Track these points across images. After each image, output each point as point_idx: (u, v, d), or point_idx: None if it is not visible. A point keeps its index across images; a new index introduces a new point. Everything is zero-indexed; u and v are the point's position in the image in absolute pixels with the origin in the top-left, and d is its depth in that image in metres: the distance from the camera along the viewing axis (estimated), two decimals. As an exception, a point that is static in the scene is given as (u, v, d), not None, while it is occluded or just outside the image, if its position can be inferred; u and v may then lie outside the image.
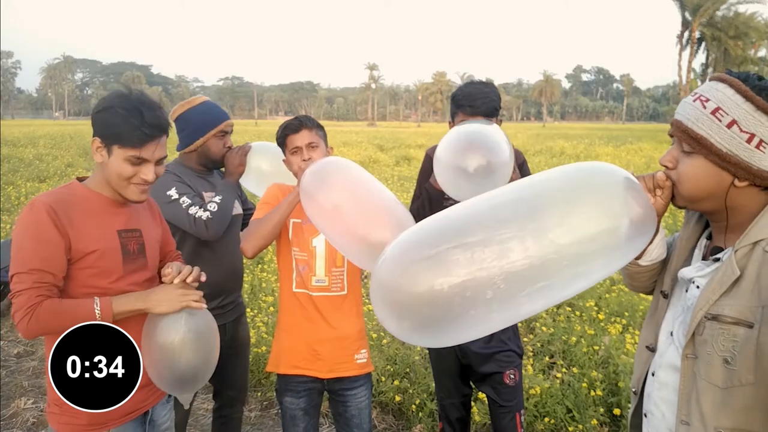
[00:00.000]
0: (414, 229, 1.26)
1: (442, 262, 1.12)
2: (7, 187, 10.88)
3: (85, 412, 1.50)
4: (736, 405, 1.09)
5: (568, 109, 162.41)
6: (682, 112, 1.16)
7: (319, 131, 2.05)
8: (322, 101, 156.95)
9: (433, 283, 1.11)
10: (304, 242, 2.02)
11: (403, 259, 1.19)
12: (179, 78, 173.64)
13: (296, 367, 2.03)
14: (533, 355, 3.94)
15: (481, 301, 1.11)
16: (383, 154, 20.22)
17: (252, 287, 5.23)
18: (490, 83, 2.25)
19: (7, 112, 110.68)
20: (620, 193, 1.16)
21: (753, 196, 1.14)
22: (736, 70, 1.20)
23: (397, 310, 1.19)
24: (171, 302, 1.54)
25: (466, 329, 1.17)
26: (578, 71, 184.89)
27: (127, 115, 1.50)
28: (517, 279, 1.10)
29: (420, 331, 1.19)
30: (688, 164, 1.15)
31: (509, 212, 1.17)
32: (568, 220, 1.14)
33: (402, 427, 3.26)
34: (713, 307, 1.13)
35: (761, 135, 1.09)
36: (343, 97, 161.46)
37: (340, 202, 1.75)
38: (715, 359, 1.11)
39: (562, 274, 1.13)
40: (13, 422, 3.30)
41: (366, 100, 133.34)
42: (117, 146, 1.52)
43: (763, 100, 1.08)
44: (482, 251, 1.10)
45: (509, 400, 2.26)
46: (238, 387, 2.52)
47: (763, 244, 1.10)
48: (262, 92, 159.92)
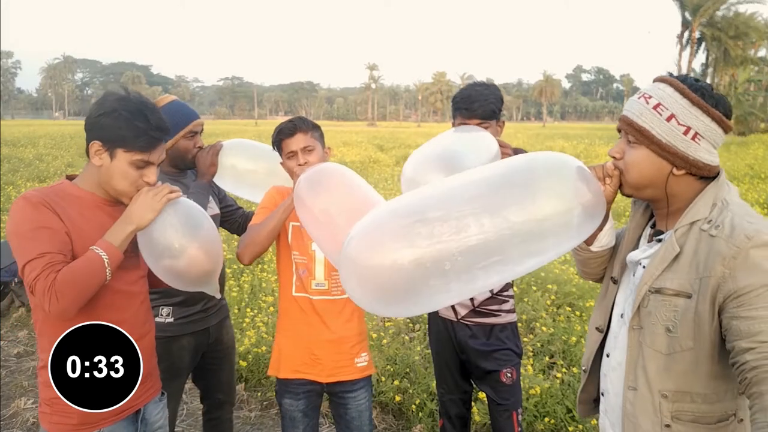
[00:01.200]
0: (381, 208, 1.34)
1: (407, 235, 1.22)
2: (7, 187, 10.88)
3: (77, 410, 1.49)
4: (678, 369, 1.23)
5: (568, 109, 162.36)
6: (629, 108, 1.29)
7: (315, 133, 2.02)
8: (322, 101, 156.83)
9: (398, 254, 1.21)
10: (304, 246, 2.01)
11: (372, 233, 1.28)
12: (179, 78, 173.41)
13: (296, 372, 2.03)
14: (533, 355, 3.94)
15: (440, 272, 1.20)
16: (383, 154, 20.22)
17: (252, 287, 5.23)
18: (492, 85, 2.23)
19: (7, 112, 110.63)
20: (573, 178, 1.28)
21: (689, 184, 1.27)
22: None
23: (364, 280, 1.26)
24: (151, 206, 1.52)
25: (426, 297, 1.25)
26: (578, 71, 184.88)
27: (132, 118, 1.50)
28: (472, 252, 1.20)
29: (385, 300, 1.28)
30: (632, 154, 1.28)
31: (469, 192, 1.28)
32: (522, 200, 1.25)
33: (402, 427, 3.26)
34: (656, 281, 1.26)
35: (696, 128, 1.22)
36: (343, 97, 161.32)
37: (331, 210, 1.72)
38: (659, 328, 1.24)
39: (515, 250, 1.24)
40: (13, 422, 3.30)
41: (366, 100, 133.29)
42: (122, 150, 1.51)
43: (699, 97, 1.22)
44: (441, 226, 1.20)
45: (506, 398, 2.26)
46: (225, 389, 2.51)
47: (699, 224, 1.23)
48: (262, 92, 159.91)
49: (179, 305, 2.20)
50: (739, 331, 1.12)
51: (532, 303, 4.80)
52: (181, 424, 3.33)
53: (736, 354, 1.12)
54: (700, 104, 1.22)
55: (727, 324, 1.15)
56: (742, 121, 35.59)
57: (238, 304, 4.83)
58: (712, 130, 1.23)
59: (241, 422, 3.37)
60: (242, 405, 3.55)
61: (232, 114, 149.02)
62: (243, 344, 3.90)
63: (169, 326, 2.17)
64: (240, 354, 3.81)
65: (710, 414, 1.23)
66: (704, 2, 39.10)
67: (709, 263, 1.18)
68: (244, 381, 3.74)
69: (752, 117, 35.11)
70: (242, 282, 5.31)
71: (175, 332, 2.18)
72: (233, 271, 5.62)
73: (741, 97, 34.52)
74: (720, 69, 38.38)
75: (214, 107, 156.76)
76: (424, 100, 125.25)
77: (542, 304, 4.77)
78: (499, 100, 2.16)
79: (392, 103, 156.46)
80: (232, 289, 5.02)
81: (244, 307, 4.72)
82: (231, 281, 5.23)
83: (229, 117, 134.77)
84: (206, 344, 2.32)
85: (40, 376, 1.57)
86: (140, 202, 1.53)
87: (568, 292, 5.04)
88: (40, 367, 1.55)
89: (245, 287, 5.19)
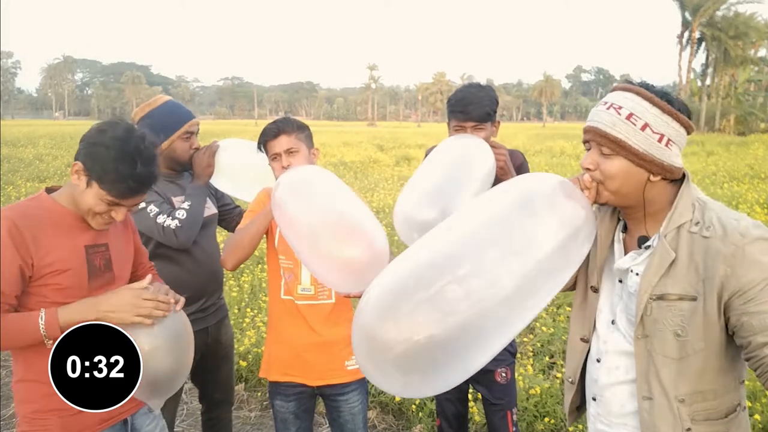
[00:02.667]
0: (393, 271, 1.20)
1: (441, 300, 1.11)
2: (7, 187, 10.88)
3: (57, 422, 1.50)
4: (691, 371, 1.25)
5: (568, 109, 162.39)
6: (599, 119, 1.28)
7: (300, 134, 1.97)
8: (322, 101, 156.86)
9: (439, 325, 1.09)
10: (290, 250, 1.96)
11: (397, 305, 1.12)
12: (179, 78, 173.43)
13: (285, 374, 2.02)
14: (533, 355, 3.94)
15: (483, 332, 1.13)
16: (383, 154, 20.21)
17: (252, 287, 5.23)
18: (487, 86, 2.21)
19: (7, 112, 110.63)
20: (564, 196, 1.29)
21: (663, 188, 1.30)
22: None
23: (402, 365, 1.11)
24: (124, 313, 1.47)
25: (470, 363, 1.17)
26: (578, 71, 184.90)
27: (119, 161, 1.45)
28: (510, 303, 1.15)
29: (431, 380, 1.14)
30: (609, 165, 1.28)
31: (482, 239, 1.22)
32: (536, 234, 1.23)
33: (402, 427, 3.26)
34: (656, 288, 1.26)
35: (668, 134, 1.25)
36: (343, 97, 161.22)
37: (308, 218, 1.62)
38: (667, 334, 1.25)
39: (544, 287, 1.24)
40: (13, 422, 3.30)
41: (366, 100, 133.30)
42: (98, 184, 1.48)
43: (667, 105, 1.25)
44: (475, 282, 1.12)
45: (500, 398, 2.27)
46: (223, 389, 2.51)
47: (687, 227, 1.25)
48: (262, 92, 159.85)
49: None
50: (752, 327, 1.15)
51: (532, 303, 4.79)
52: (181, 424, 3.33)
53: (754, 349, 1.15)
54: (670, 111, 1.25)
55: (736, 321, 1.18)
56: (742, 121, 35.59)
57: (238, 304, 4.83)
58: (680, 135, 1.27)
59: (241, 422, 3.37)
60: (242, 405, 3.55)
61: (232, 114, 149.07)
62: (243, 344, 3.90)
63: None
64: (240, 354, 3.81)
65: (719, 408, 1.26)
66: (704, 2, 39.11)
67: (710, 264, 1.20)
68: (244, 381, 3.74)
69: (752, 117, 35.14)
70: (242, 282, 5.32)
71: None
72: (233, 271, 5.61)
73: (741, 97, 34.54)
74: (720, 69, 38.39)
75: (214, 107, 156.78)
76: (424, 100, 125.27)
77: (542, 304, 4.77)
78: (493, 101, 2.14)
79: (392, 103, 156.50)
80: (232, 289, 5.02)
81: (244, 307, 4.72)
82: (231, 281, 5.23)
83: (229, 117, 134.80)
84: (205, 344, 2.31)
85: (16, 392, 1.55)
86: (117, 298, 1.49)
87: (567, 293, 5.03)
88: (16, 381, 1.54)
89: (245, 287, 5.19)
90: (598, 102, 1.33)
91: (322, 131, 37.46)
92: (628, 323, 1.35)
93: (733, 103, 35.21)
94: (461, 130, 2.12)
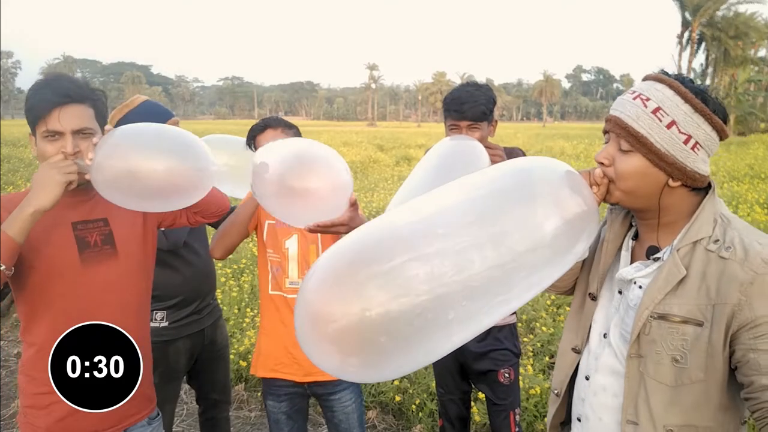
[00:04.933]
0: (347, 242, 1.03)
1: (398, 277, 0.94)
2: (7, 187, 10.88)
3: (43, 425, 1.50)
4: (686, 402, 1.11)
5: (568, 109, 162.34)
6: (622, 110, 1.16)
7: (287, 130, 2.00)
8: (322, 101, 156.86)
9: (391, 305, 0.92)
10: (278, 244, 2.01)
11: (345, 277, 0.96)
12: (179, 78, 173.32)
13: (274, 371, 2.02)
14: (533, 355, 3.94)
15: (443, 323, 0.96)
16: (383, 154, 20.22)
17: (252, 287, 5.23)
18: (483, 85, 2.18)
19: (7, 112, 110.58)
20: (567, 187, 1.13)
21: (683, 197, 1.17)
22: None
23: (340, 344, 0.94)
24: (51, 180, 1.35)
25: (421, 356, 0.99)
26: (578, 71, 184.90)
27: (36, 91, 1.44)
28: (478, 295, 0.99)
29: (369, 366, 0.97)
30: (626, 162, 1.15)
31: (460, 217, 1.05)
32: (524, 221, 1.06)
33: (402, 427, 3.26)
34: (659, 306, 1.13)
35: (697, 137, 1.12)
36: (343, 97, 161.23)
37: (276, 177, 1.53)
38: (664, 358, 1.12)
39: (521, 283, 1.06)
40: (13, 422, 3.30)
41: (366, 100, 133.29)
42: (36, 128, 1.43)
43: (701, 103, 1.11)
44: (441, 263, 0.95)
45: (503, 398, 2.27)
46: (220, 389, 2.51)
47: (704, 243, 1.12)
48: (262, 92, 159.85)
49: (173, 308, 2.19)
50: (758, 366, 1.03)
51: (532, 303, 4.80)
52: (181, 424, 3.33)
53: (755, 390, 1.04)
54: (703, 111, 1.11)
55: (742, 356, 1.06)
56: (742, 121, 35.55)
57: (238, 304, 4.83)
58: (711, 140, 1.14)
59: (241, 422, 3.37)
60: (242, 405, 3.54)
61: (232, 114, 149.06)
62: (243, 344, 3.90)
63: (165, 330, 2.16)
64: (240, 354, 3.81)
65: None
66: (704, 2, 39.09)
67: (723, 289, 1.08)
68: (244, 381, 3.74)
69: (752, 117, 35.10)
70: (242, 282, 5.31)
71: (171, 336, 2.18)
72: (233, 271, 5.62)
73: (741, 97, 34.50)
74: (720, 69, 38.35)
75: (214, 107, 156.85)
76: (424, 100, 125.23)
77: (542, 304, 4.78)
78: (490, 100, 2.11)
79: (392, 103, 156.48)
80: (232, 289, 5.02)
81: (244, 307, 4.71)
82: (231, 281, 5.23)
83: (229, 117, 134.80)
84: (202, 345, 2.32)
85: (19, 382, 1.57)
86: (38, 179, 1.36)
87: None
88: (19, 372, 1.56)
89: (245, 287, 5.19)
90: (627, 90, 1.20)
91: (322, 131, 37.46)
92: (622, 340, 1.22)
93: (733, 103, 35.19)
94: (456, 129, 2.10)
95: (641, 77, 1.24)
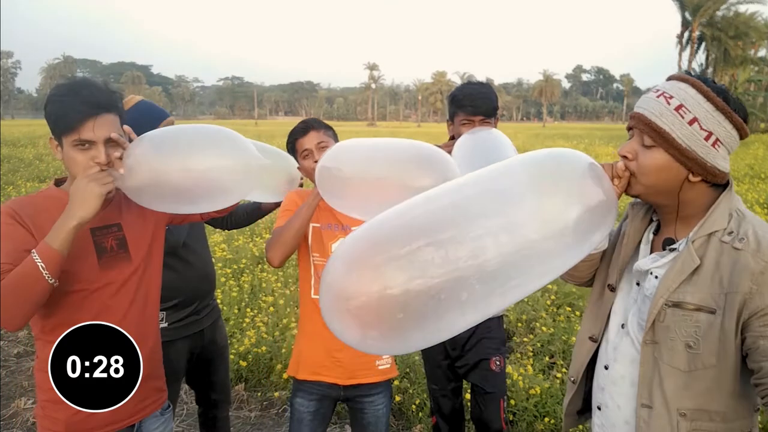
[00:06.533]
0: (369, 227, 1.11)
1: (414, 261, 1.02)
2: (7, 187, 10.88)
3: (64, 419, 1.50)
4: (699, 387, 1.17)
5: (568, 109, 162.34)
6: (646, 107, 1.21)
7: (327, 132, 2.04)
8: (322, 101, 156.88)
9: (407, 285, 1.00)
10: (323, 248, 2.00)
11: (367, 259, 1.05)
12: (179, 78, 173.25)
13: (315, 373, 2.01)
14: (533, 355, 3.94)
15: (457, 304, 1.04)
16: (383, 154, 20.18)
17: (252, 287, 5.23)
18: (487, 84, 2.30)
19: (7, 112, 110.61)
20: (588, 177, 1.17)
21: (703, 192, 1.22)
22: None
23: (362, 319, 1.04)
24: (92, 192, 1.37)
25: (435, 333, 1.07)
26: (578, 71, 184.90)
27: (63, 98, 1.42)
28: (490, 280, 1.05)
29: (387, 339, 1.06)
30: (648, 156, 1.20)
31: (479, 206, 1.11)
32: (539, 213, 1.11)
33: (402, 427, 3.26)
34: (674, 294, 1.19)
35: (717, 134, 1.16)
36: (343, 97, 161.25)
37: (361, 175, 1.69)
38: (678, 344, 1.18)
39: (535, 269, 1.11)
40: (13, 422, 3.30)
41: (366, 100, 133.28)
42: (64, 136, 1.43)
43: (722, 102, 1.16)
44: (456, 249, 1.03)
45: (494, 386, 2.30)
46: (220, 389, 2.50)
47: (718, 235, 1.17)
48: (262, 92, 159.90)
49: (172, 309, 2.19)
50: (767, 352, 1.08)
51: (532, 303, 4.80)
52: (181, 424, 3.32)
53: (764, 375, 1.08)
54: (724, 109, 1.15)
55: (752, 343, 1.11)
56: (742, 121, 35.53)
57: (238, 304, 4.83)
58: (731, 137, 1.18)
59: (241, 422, 3.37)
60: (242, 405, 3.54)
61: (232, 114, 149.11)
62: (243, 344, 3.90)
63: (165, 331, 2.16)
64: (240, 354, 3.81)
65: None
66: (704, 2, 39.12)
67: (735, 278, 1.12)
68: (244, 381, 3.74)
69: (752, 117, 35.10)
70: (242, 282, 5.31)
71: (171, 336, 2.17)
72: (233, 270, 5.62)
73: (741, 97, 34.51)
74: (720, 69, 38.36)
75: (214, 107, 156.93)
76: (424, 100, 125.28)
77: (542, 304, 4.78)
78: (496, 97, 2.22)
79: (392, 103, 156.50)
80: (232, 289, 5.02)
81: (244, 307, 4.71)
82: (231, 281, 5.23)
83: (229, 117, 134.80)
84: (201, 346, 2.32)
85: (36, 378, 1.57)
86: (77, 192, 1.38)
87: (568, 292, 5.04)
88: (36, 369, 1.56)
89: (245, 287, 5.19)
90: (651, 89, 1.25)
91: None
92: (639, 329, 1.27)
93: (733, 103, 35.19)
94: (470, 124, 2.17)
95: (641, 77, 1.26)
